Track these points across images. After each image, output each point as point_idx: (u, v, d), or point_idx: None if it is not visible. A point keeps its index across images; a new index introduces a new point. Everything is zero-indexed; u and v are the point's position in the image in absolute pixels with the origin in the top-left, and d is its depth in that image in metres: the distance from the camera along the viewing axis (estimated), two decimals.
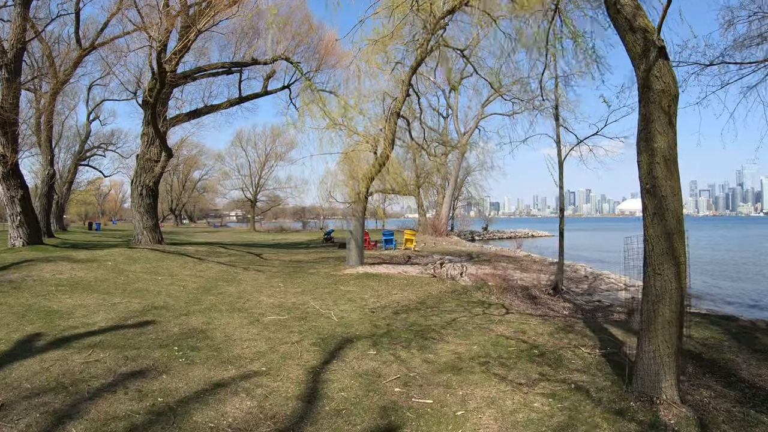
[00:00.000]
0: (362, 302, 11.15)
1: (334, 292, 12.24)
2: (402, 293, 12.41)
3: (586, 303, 14.52)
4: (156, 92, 16.48)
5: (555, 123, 14.88)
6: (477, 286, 13.91)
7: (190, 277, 13.81)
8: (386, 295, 12.14)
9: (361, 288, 13.01)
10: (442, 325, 9.02)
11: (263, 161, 52.64)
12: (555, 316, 10.98)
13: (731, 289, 19.87)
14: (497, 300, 12.18)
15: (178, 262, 16.08)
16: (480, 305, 11.16)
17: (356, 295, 11.93)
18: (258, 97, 23.58)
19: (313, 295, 11.76)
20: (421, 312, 10.21)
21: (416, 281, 14.33)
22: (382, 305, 10.87)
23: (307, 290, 12.51)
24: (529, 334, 8.63)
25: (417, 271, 17.34)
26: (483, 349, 7.49)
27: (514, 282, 17.19)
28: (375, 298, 11.66)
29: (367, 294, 12.16)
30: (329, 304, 10.69)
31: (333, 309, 10.16)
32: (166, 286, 12.05)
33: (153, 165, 20.17)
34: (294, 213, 75.70)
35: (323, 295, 11.88)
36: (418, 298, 11.80)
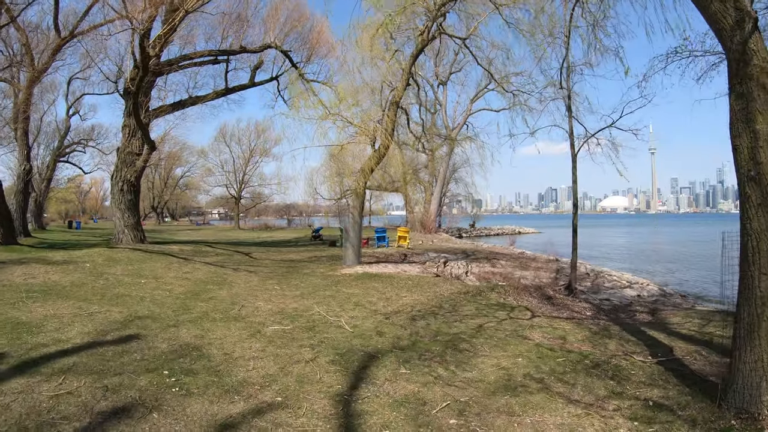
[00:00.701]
0: (372, 307, 9.95)
1: (337, 295, 11.01)
2: (412, 296, 11.25)
3: (602, 302, 13.66)
4: (138, 80, 15.00)
5: (567, 114, 13.90)
6: (489, 286, 12.83)
7: (176, 279, 12.42)
8: (395, 298, 10.96)
9: (365, 290, 11.81)
10: (470, 333, 7.90)
11: (248, 157, 50.75)
12: (582, 318, 10.07)
13: None
14: (515, 302, 11.15)
15: (162, 263, 14.65)
16: (501, 308, 10.09)
17: (362, 299, 10.72)
18: (245, 88, 22.17)
19: (315, 299, 10.51)
20: (440, 318, 9.07)
21: (422, 282, 13.20)
22: (394, 310, 9.69)
23: (307, 293, 11.25)
24: (570, 341, 7.74)
25: (417, 270, 16.22)
26: (530, 362, 6.44)
27: (517, 280, 16.26)
28: (384, 302, 10.47)
29: (374, 297, 10.96)
30: (336, 310, 9.46)
31: (342, 316, 8.93)
32: (150, 291, 10.66)
33: (134, 159, 18.60)
34: (277, 210, 73.83)
35: (326, 298, 10.64)
36: (431, 301, 10.66)
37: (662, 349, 7.28)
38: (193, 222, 74.41)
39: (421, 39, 15.36)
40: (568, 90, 13.86)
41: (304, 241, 31.15)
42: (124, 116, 19.28)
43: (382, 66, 15.75)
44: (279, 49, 18.96)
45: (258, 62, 22.04)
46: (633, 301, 14.28)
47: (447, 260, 16.00)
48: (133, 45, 15.09)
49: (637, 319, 11.00)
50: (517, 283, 13.46)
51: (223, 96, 21.97)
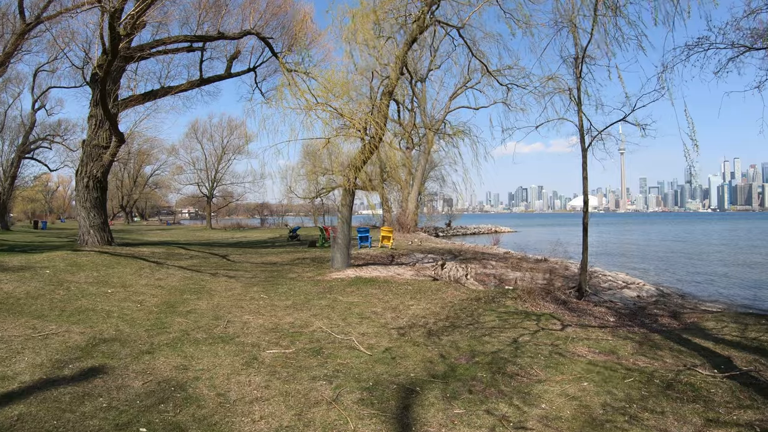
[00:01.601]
0: (379, 319, 8.53)
1: (336, 305, 9.55)
2: (419, 304, 9.88)
3: (614, 305, 12.66)
4: (107, 63, 13.14)
5: (577, 107, 12.83)
6: (500, 291, 11.61)
7: (147, 288, 10.72)
8: (402, 307, 9.57)
9: (365, 298, 10.39)
10: (509, 351, 6.57)
11: (220, 154, 48.17)
12: (612, 326, 8.98)
13: None
14: (534, 308, 9.95)
15: (131, 268, 12.86)
16: (525, 317, 8.84)
17: (365, 309, 9.29)
18: (221, 79, 20.35)
19: (311, 311, 9.02)
20: (465, 332, 7.72)
21: (423, 287, 11.87)
22: (408, 323, 8.30)
23: (300, 303, 9.75)
24: (622, 355, 6.61)
25: (411, 274, 14.92)
26: (599, 387, 5.27)
27: (513, 282, 15.20)
28: (392, 313, 9.07)
29: (378, 307, 9.55)
30: (340, 325, 8.00)
31: (350, 332, 7.47)
32: (118, 303, 8.96)
33: (101, 152, 16.59)
34: (248, 210, 71.13)
35: (324, 309, 9.16)
36: (444, 311, 9.32)
37: (720, 360, 6.38)
38: (163, 222, 70.78)
39: (416, 25, 14.02)
40: (578, 82, 12.82)
41: (281, 241, 29.43)
42: (90, 106, 17.22)
43: (373, 54, 14.34)
44: (259, 36, 17.31)
45: (235, 52, 20.29)
46: (646, 303, 13.40)
47: (444, 262, 14.72)
48: (102, 27, 13.23)
49: (664, 323, 10.04)
50: (527, 287, 12.28)
51: (197, 87, 20.09)
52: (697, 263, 25.86)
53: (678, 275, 21.49)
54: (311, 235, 32.29)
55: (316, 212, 52.73)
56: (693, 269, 23.58)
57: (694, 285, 19.05)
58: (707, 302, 14.61)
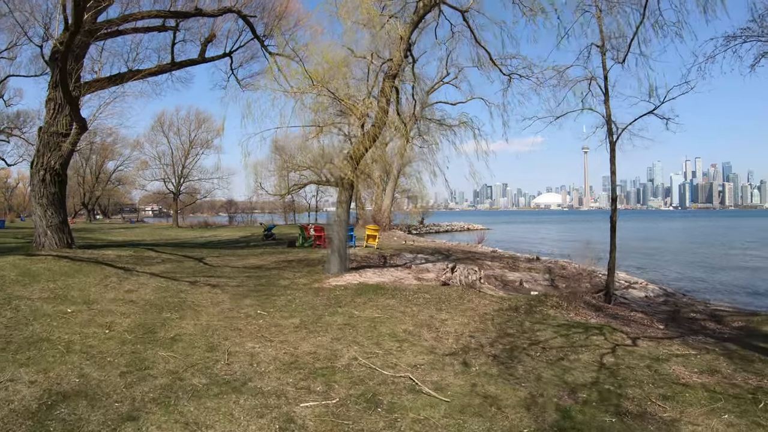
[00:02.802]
0: (419, 341, 6.73)
1: (356, 323, 7.66)
2: (452, 318, 8.13)
3: (646, 309, 11.45)
4: (70, 35, 10.71)
5: (605, 98, 11.52)
6: (537, 298, 10.06)
7: (116, 304, 8.49)
8: (436, 323, 7.79)
9: (384, 311, 8.55)
10: (608, 380, 5.31)
11: (187, 149, 44.58)
12: (675, 335, 7.92)
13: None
14: (579, 317, 8.74)
15: (95, 277, 10.53)
16: (584, 330, 7.51)
17: (394, 327, 7.45)
18: (194, 63, 17.88)
19: (329, 332, 7.10)
20: (531, 354, 6.24)
21: (441, 295, 10.17)
22: (458, 346, 6.57)
23: (310, 321, 7.80)
24: (726, 374, 5.67)
25: (414, 277, 13.22)
26: (742, 418, 4.31)
27: (518, 284, 13.86)
28: (428, 331, 7.29)
29: (407, 323, 7.72)
30: (376, 352, 6.13)
31: (396, 364, 5.62)
32: (80, 329, 6.75)
33: (60, 141, 13.92)
34: (212, 207, 67.53)
35: (344, 330, 7.26)
36: (487, 327, 7.65)
37: None
38: (126, 220, 65.80)
39: (422, 3, 12.23)
40: (604, 71, 11.44)
41: (256, 240, 27.04)
42: (49, 88, 14.47)
43: (378, 33, 12.45)
44: (240, 14, 15.07)
45: (210, 35, 17.88)
46: (673, 305, 12.31)
47: (454, 265, 13.03)
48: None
49: (715, 329, 9.31)
50: (560, 292, 10.81)
51: (168, 71, 17.57)
52: (680, 260, 25.32)
53: (663, 272, 20.76)
54: (287, 234, 30.01)
55: (287, 210, 50.29)
56: (679, 268, 22.96)
57: (689, 283, 18.36)
58: (715, 302, 13.79)
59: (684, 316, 10.68)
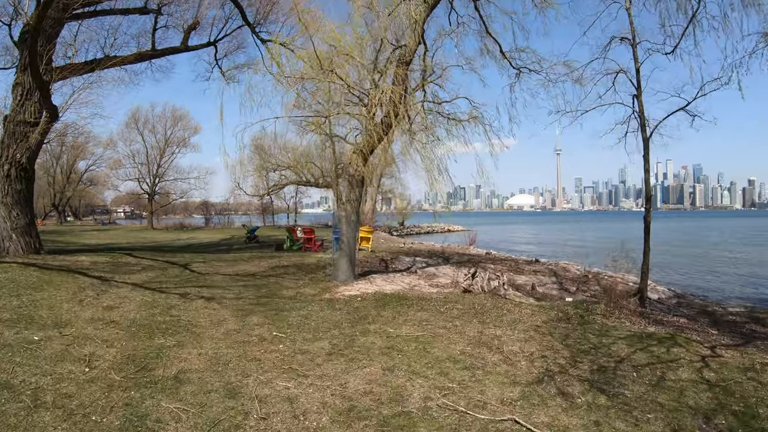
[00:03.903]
0: (489, 367, 5.36)
1: (400, 345, 6.10)
2: (507, 333, 6.74)
3: (683, 312, 10.35)
4: (42, 8, 8.75)
5: (637, 93, 10.41)
6: (574, 305, 8.67)
7: (96, 327, 6.66)
8: (493, 340, 6.36)
9: (422, 327, 7.04)
10: (735, 402, 4.51)
11: (163, 147, 41.47)
12: (741, 343, 7.08)
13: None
14: (635, 326, 7.74)
15: (68, 291, 8.59)
16: (657, 342, 6.65)
17: (449, 348, 5.97)
18: (176, 52, 15.89)
19: (374, 360, 5.51)
20: (623, 374, 5.29)
21: (472, 304, 8.84)
22: (539, 370, 5.26)
23: (342, 344, 6.19)
24: None
25: (427, 284, 11.81)
26: None
27: (531, 288, 12.69)
28: (489, 351, 5.88)
29: (458, 343, 6.24)
30: (449, 385, 4.67)
31: (485, 402, 4.15)
32: (52, 369, 4.95)
33: (28, 131, 11.76)
34: (186, 208, 64.14)
35: (390, 355, 5.70)
36: (550, 342, 6.43)
37: None
38: (99, 221, 61.43)
39: None
40: (635, 63, 10.35)
41: (238, 243, 24.97)
42: (17, 71, 12.25)
43: (392, 14, 10.90)
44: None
45: (193, 22, 15.95)
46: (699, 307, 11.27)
47: (476, 271, 11.61)
48: None
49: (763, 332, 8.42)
50: (602, 297, 9.53)
51: (148, 59, 15.54)
52: (669, 261, 24.64)
53: (660, 274, 19.90)
54: (271, 237, 28.03)
55: (265, 211, 47.92)
56: (672, 268, 22.21)
57: (690, 282, 17.59)
58: (728, 303, 12.97)
59: (723, 320, 9.62)
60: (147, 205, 43.55)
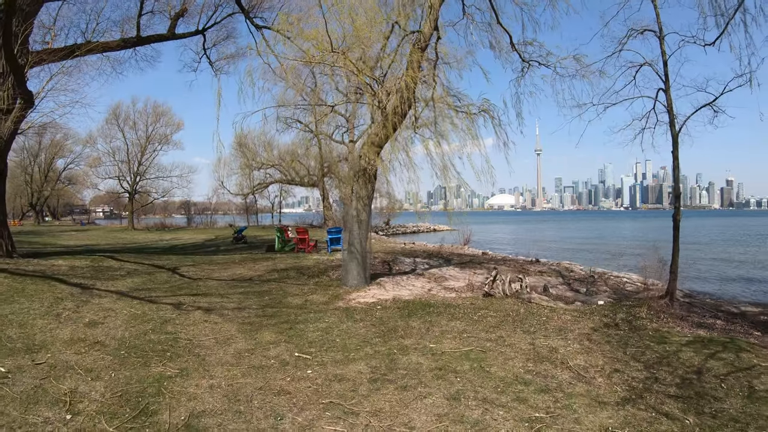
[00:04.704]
0: (566, 386, 4.46)
1: (452, 365, 5.00)
2: (562, 344, 5.71)
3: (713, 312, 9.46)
4: None
5: (665, 86, 9.52)
6: (612, 308, 7.64)
7: (77, 351, 5.33)
8: (551, 353, 5.36)
9: (469, 341, 5.95)
10: None
11: (144, 145, 39.04)
12: None
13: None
14: (686, 330, 7.06)
15: (44, 302, 7.18)
16: (721, 347, 5.93)
17: (509, 366, 4.94)
18: (163, 40, 14.41)
19: (434, 388, 4.38)
20: (710, 386, 4.57)
21: (509, 312, 7.92)
22: (624, 388, 4.49)
23: (384, 368, 5.04)
24: None
25: (439, 286, 10.70)
26: None
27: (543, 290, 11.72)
28: (555, 367, 5.01)
29: (517, 358, 5.26)
30: (536, 416, 3.75)
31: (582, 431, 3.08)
32: (20, 414, 3.63)
33: (1, 118, 10.22)
34: (165, 208, 61.41)
35: (447, 379, 4.60)
36: (613, 353, 5.61)
37: None
38: (77, 221, 58.14)
39: None
40: (663, 55, 9.47)
41: (225, 244, 23.45)
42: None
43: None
44: None
45: (181, 9, 14.49)
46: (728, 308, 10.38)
47: (497, 273, 10.56)
48: None
49: None
50: (620, 298, 8.57)
51: (132, 47, 14.03)
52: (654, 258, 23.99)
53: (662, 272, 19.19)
54: (258, 237, 26.54)
55: (249, 211, 46.05)
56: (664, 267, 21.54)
57: (691, 281, 16.93)
58: (738, 301, 12.23)
59: (758, 320, 8.81)
60: (127, 204, 41.18)
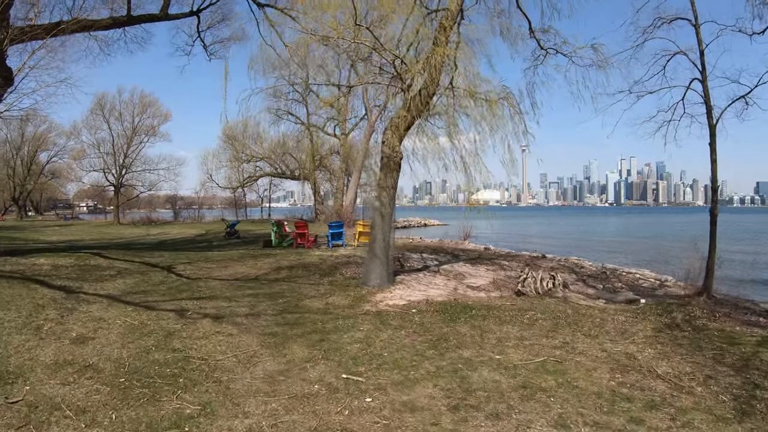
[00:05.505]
0: (681, 404, 3.54)
1: (538, 381, 4.04)
2: (641, 351, 5.08)
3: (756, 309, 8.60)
4: None
5: (702, 75, 8.74)
6: (667, 308, 6.71)
7: (63, 379, 4.11)
8: (631, 361, 4.56)
9: (535, 350, 5.00)
10: None
11: (130, 136, 36.68)
12: None
13: None
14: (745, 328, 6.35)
15: (21, 311, 5.89)
16: None
17: (596, 380, 4.05)
18: (154, 20, 12.88)
19: (532, 415, 3.32)
20: None
21: (557, 313, 7.18)
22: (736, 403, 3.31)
23: (461, 391, 4.00)
24: None
25: (463, 284, 9.76)
26: None
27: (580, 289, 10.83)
28: (653, 379, 4.10)
29: (601, 370, 4.36)
30: None
31: None
32: None
33: None
34: (150, 203, 58.93)
35: (544, 402, 3.64)
36: (693, 357, 4.86)
37: None
38: (61, 216, 55.09)
39: None
40: (700, 46, 8.73)
41: (217, 239, 22.01)
42: None
43: None
44: None
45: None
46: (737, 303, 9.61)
47: (529, 271, 9.57)
48: None
49: None
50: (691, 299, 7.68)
51: (121, 26, 12.55)
52: (654, 255, 23.37)
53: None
54: (251, 232, 25.10)
55: (238, 205, 44.33)
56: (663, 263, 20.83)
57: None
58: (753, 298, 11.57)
59: None
60: (112, 198, 39.00)
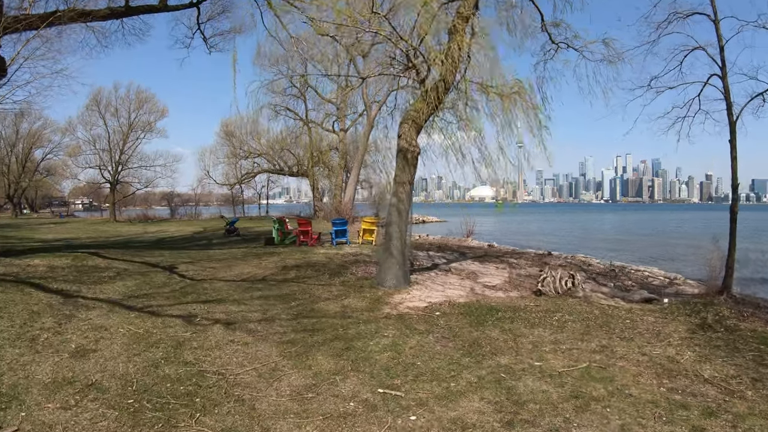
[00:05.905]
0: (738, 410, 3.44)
1: (586, 390, 3.78)
2: (682, 355, 5.03)
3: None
4: None
5: (721, 71, 8.46)
6: (693, 307, 6.38)
7: (63, 402, 3.66)
8: (676, 366, 4.39)
9: (573, 356, 4.71)
10: None
11: (126, 132, 35.85)
12: None
13: None
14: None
15: (14, 320, 5.41)
16: None
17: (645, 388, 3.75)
18: (153, 11, 12.27)
19: (582, 425, 2.93)
20: None
21: (586, 315, 6.92)
22: None
23: (511, 404, 3.64)
24: None
25: (479, 284, 9.36)
26: None
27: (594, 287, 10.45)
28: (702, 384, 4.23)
29: (645, 375, 4.21)
30: None
31: None
32: None
33: None
34: (146, 200, 57.93)
35: (591, 407, 3.45)
36: (739, 362, 4.69)
37: None
38: (56, 214, 53.80)
39: None
40: (720, 41, 8.51)
41: (216, 236, 21.43)
42: None
43: None
44: None
45: None
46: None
47: (549, 270, 9.17)
48: None
49: None
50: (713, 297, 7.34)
51: (119, 17, 11.97)
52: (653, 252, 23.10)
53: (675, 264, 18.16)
54: (250, 229, 24.55)
55: (236, 202, 43.66)
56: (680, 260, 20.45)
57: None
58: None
59: None
60: (108, 195, 38.16)
